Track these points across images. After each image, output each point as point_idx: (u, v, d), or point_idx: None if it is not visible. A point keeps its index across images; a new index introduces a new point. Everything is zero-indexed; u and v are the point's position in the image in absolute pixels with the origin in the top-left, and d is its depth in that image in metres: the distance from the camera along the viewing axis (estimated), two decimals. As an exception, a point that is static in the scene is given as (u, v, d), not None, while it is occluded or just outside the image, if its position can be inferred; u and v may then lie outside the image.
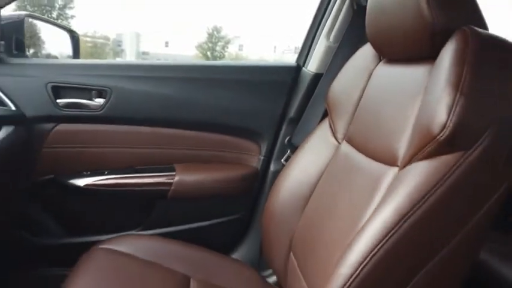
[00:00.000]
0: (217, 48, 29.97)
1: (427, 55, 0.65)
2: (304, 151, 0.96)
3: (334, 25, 1.13)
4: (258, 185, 1.20)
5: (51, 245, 1.16)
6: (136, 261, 0.95)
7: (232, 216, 1.20)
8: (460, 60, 0.57)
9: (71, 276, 0.88)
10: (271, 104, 1.19)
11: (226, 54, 30.85)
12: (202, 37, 30.43)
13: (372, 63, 0.86)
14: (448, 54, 0.60)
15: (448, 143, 0.55)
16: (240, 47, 34.50)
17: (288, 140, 1.18)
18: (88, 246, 0.97)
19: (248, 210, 1.20)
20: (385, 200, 0.60)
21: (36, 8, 27.01)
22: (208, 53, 29.99)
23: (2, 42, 1.07)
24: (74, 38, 1.31)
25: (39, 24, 1.21)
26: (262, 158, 1.20)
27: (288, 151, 1.15)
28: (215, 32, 29.85)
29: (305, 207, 0.90)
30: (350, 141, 0.85)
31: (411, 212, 0.55)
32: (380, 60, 0.85)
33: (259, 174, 1.20)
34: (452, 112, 0.55)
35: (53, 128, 1.10)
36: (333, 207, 0.80)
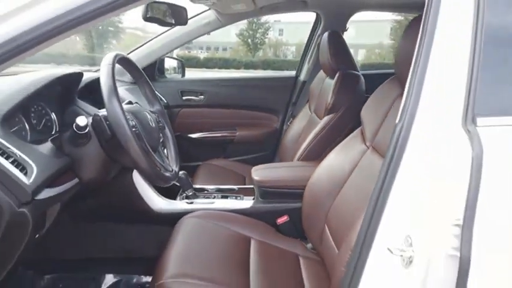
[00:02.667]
0: (258, 35, 30.98)
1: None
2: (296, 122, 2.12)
3: (311, 57, 2.29)
4: (277, 136, 2.39)
5: None
6: (222, 168, 2.16)
7: (265, 152, 2.39)
8: (336, 82, 1.72)
9: (193, 177, 2.09)
10: (283, 95, 2.36)
11: (266, 40, 31.68)
12: (243, 24, 31.53)
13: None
14: (334, 79, 1.74)
15: (330, 110, 1.70)
16: (280, 32, 35.13)
17: (291, 114, 2.35)
18: (194, 167, 2.16)
19: (272, 149, 2.39)
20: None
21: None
22: (249, 40, 31.04)
23: (157, 71, 2.31)
24: (182, 63, 2.53)
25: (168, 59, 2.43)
26: (279, 122, 2.39)
27: (291, 119, 2.31)
28: (255, 19, 30.84)
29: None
30: (314, 113, 2.00)
31: (322, 132, 1.70)
32: (326, 76, 1.98)
33: (277, 131, 2.39)
34: (330, 99, 1.69)
35: (180, 110, 2.33)
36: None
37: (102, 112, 1.10)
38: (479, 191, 0.66)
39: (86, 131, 1.02)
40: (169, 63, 2.43)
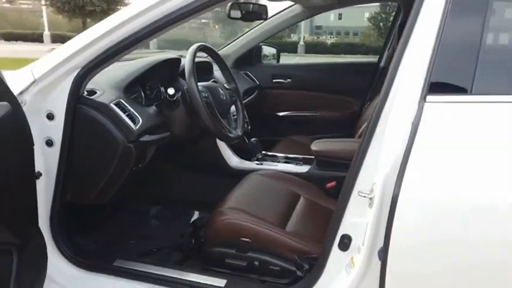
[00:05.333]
0: (391, 18, 29.32)
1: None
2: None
3: (390, 48, 2.41)
4: (354, 119, 2.58)
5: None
6: (300, 142, 2.47)
7: (341, 133, 2.60)
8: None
9: (276, 147, 2.46)
10: (364, 80, 2.55)
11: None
12: (375, 7, 30.14)
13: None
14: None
15: None
16: (417, 14, 32.53)
17: (369, 97, 2.52)
18: (278, 140, 2.51)
19: (349, 131, 2.60)
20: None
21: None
22: (381, 24, 29.60)
23: (254, 57, 2.72)
24: (277, 50, 2.89)
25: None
26: (359, 105, 2.58)
27: (368, 102, 2.48)
28: (389, 2, 29.16)
29: None
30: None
31: None
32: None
33: (355, 113, 2.59)
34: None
35: (271, 91, 2.71)
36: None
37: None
38: (411, 150, 0.88)
39: (175, 98, 1.47)
40: (268, 51, 2.82)
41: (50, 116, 1.29)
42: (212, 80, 1.73)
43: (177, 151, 1.90)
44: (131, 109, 1.37)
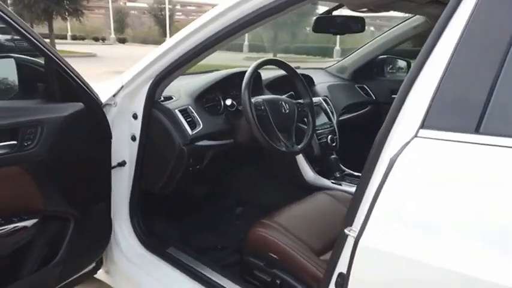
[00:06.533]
0: None
1: None
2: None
3: None
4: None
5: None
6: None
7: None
8: None
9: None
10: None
11: None
12: None
13: None
14: None
15: None
16: None
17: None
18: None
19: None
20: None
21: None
22: None
23: (374, 69, 2.54)
24: (408, 63, 2.62)
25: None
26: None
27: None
28: None
29: None
30: None
31: None
32: None
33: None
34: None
35: (390, 106, 2.48)
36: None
37: (254, 98, 1.58)
38: (382, 188, 0.75)
39: (234, 109, 1.55)
40: (397, 63, 2.58)
41: (135, 116, 1.55)
42: (290, 93, 1.73)
43: (257, 158, 1.98)
44: (196, 115, 1.53)
